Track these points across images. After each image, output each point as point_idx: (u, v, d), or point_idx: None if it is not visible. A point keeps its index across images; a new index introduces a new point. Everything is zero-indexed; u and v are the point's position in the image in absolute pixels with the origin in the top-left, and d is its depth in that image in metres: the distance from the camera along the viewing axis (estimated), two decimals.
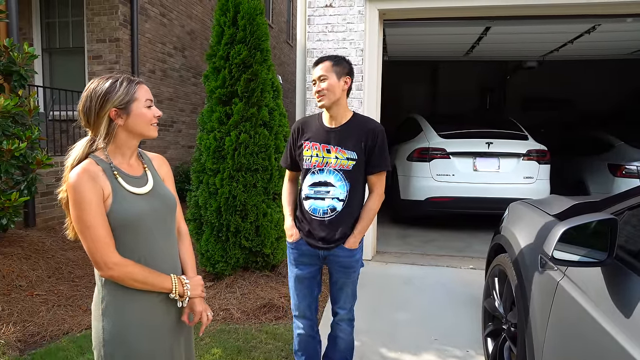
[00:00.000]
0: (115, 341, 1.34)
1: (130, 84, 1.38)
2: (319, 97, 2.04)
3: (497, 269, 2.57)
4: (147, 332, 1.37)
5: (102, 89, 1.34)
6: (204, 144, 3.71)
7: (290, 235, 2.15)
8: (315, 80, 2.05)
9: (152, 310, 1.38)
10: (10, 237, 4.29)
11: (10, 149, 3.67)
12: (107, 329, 1.34)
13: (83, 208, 1.27)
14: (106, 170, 1.34)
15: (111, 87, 1.35)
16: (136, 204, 1.36)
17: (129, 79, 1.39)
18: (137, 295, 1.35)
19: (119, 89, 1.35)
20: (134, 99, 1.37)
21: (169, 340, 1.43)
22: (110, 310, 1.34)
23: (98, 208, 1.28)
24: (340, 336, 2.25)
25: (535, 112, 11.16)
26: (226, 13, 3.71)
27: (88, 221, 1.27)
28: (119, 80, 1.37)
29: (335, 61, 2.05)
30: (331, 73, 2.02)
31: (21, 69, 4.10)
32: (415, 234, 5.77)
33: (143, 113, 1.39)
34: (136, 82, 1.40)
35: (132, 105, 1.37)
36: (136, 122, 1.38)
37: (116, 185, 1.34)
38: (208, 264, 3.74)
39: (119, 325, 1.34)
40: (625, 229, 1.65)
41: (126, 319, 1.35)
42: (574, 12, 4.51)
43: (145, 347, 1.37)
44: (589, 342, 1.44)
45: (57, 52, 6.90)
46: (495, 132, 5.83)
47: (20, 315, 3.20)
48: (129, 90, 1.36)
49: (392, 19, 4.75)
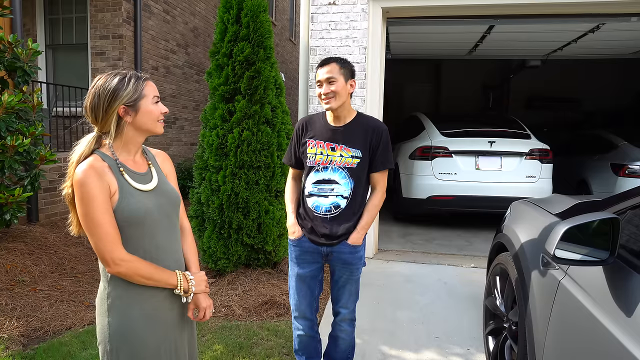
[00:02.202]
0: (121, 337, 1.35)
1: (138, 81, 1.37)
2: (325, 100, 2.01)
3: (498, 267, 2.57)
4: (153, 327, 1.38)
5: (111, 86, 1.34)
6: (206, 141, 3.72)
7: (292, 232, 2.15)
8: (322, 82, 2.02)
9: (157, 306, 1.39)
10: (14, 233, 4.32)
11: (14, 144, 3.68)
12: (113, 325, 1.34)
13: (90, 204, 1.27)
14: (112, 167, 1.34)
15: (120, 84, 1.34)
16: (142, 201, 1.36)
17: (136, 75, 1.39)
18: (143, 291, 1.36)
19: (128, 86, 1.34)
20: (142, 95, 1.37)
21: (173, 335, 1.44)
22: (116, 306, 1.35)
23: (105, 204, 1.29)
24: (342, 336, 2.25)
25: (538, 111, 11.14)
26: (230, 10, 3.71)
27: (95, 218, 1.27)
28: (127, 77, 1.36)
29: (342, 63, 2.03)
30: (339, 75, 2.00)
31: (25, 65, 4.11)
32: (417, 232, 5.77)
33: (151, 110, 1.39)
34: (144, 78, 1.40)
35: (141, 102, 1.37)
36: (144, 119, 1.38)
37: (122, 181, 1.34)
38: (210, 260, 3.75)
39: (124, 321, 1.35)
40: (627, 228, 1.65)
41: (132, 315, 1.35)
42: (578, 11, 4.50)
43: (150, 342, 1.37)
44: (590, 341, 1.44)
45: (61, 49, 6.91)
46: (497, 131, 5.82)
47: (23, 310, 3.22)
48: (138, 87, 1.36)
49: (396, 17, 4.74)
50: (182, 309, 1.48)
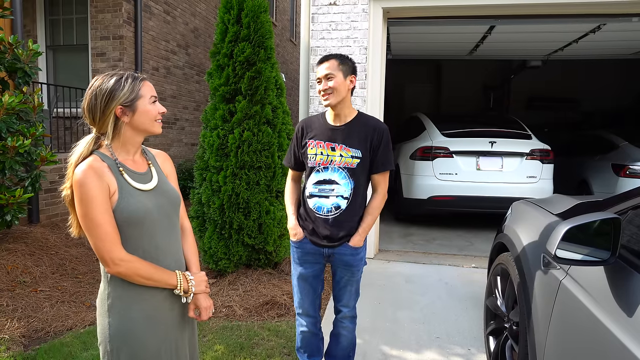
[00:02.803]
0: (122, 337, 1.35)
1: (135, 81, 1.37)
2: (325, 96, 2.02)
3: (499, 267, 2.56)
4: (153, 327, 1.38)
5: (108, 87, 1.34)
6: (207, 142, 3.72)
7: (294, 234, 2.15)
8: (321, 79, 2.03)
9: (158, 306, 1.39)
10: (15, 234, 4.32)
11: (14, 145, 3.68)
12: (114, 325, 1.34)
13: (89, 205, 1.27)
14: (112, 167, 1.34)
15: (116, 85, 1.34)
16: (142, 200, 1.36)
17: (133, 75, 1.39)
18: (143, 291, 1.36)
19: (125, 86, 1.34)
20: (139, 96, 1.37)
21: (173, 335, 1.44)
22: (116, 306, 1.35)
23: (104, 205, 1.29)
24: (343, 333, 2.27)
25: (539, 112, 11.13)
26: (230, 10, 3.71)
27: (95, 218, 1.27)
28: (124, 77, 1.36)
29: (341, 60, 2.04)
30: (338, 71, 2.01)
31: (25, 66, 4.11)
32: (417, 232, 5.77)
33: (148, 110, 1.39)
34: (141, 78, 1.40)
35: (138, 103, 1.37)
36: (141, 119, 1.38)
37: (122, 181, 1.34)
38: (211, 261, 3.75)
39: (125, 322, 1.35)
40: (628, 228, 1.64)
41: (132, 315, 1.35)
42: (579, 12, 4.49)
43: (151, 343, 1.37)
44: (592, 342, 1.44)
45: (61, 50, 6.92)
46: (498, 131, 5.82)
47: (25, 311, 3.22)
48: (135, 87, 1.36)
49: (396, 17, 4.74)
50: (182, 309, 1.48)
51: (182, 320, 1.48)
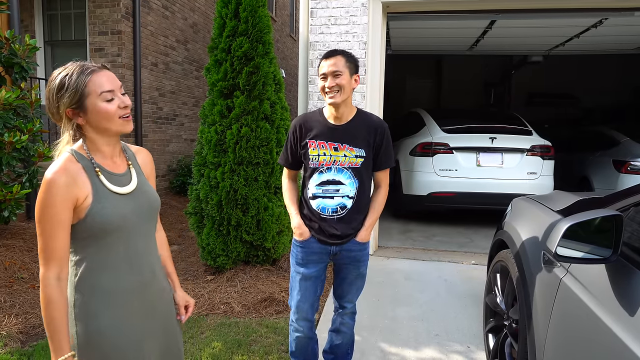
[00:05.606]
0: (89, 346, 1.26)
1: (80, 77, 1.20)
2: (331, 94, 1.94)
3: (499, 264, 2.55)
4: (120, 336, 1.29)
5: (54, 86, 1.21)
6: (205, 137, 3.70)
7: (300, 234, 2.08)
8: (326, 75, 1.95)
9: (125, 314, 1.31)
10: (12, 230, 4.31)
11: (11, 141, 3.66)
12: (80, 334, 1.25)
13: (47, 212, 1.17)
14: (87, 168, 1.23)
15: (60, 84, 1.20)
16: (118, 205, 1.26)
17: (81, 68, 1.22)
18: (110, 299, 1.28)
19: (69, 85, 1.19)
20: (85, 94, 1.20)
21: (143, 342, 1.35)
22: (82, 315, 1.26)
23: (61, 221, 1.18)
24: (344, 330, 2.26)
25: (539, 107, 11.09)
26: (228, 5, 3.68)
27: (47, 229, 1.17)
28: (69, 74, 1.20)
29: (348, 57, 1.98)
30: (345, 69, 1.94)
31: (23, 61, 4.08)
32: (417, 229, 5.75)
33: (101, 108, 1.22)
34: (89, 71, 1.22)
35: (86, 102, 1.21)
36: (96, 118, 1.23)
37: (97, 183, 1.24)
38: (209, 257, 3.74)
39: (91, 330, 1.26)
40: (630, 226, 1.62)
41: (99, 324, 1.26)
42: (581, 5, 4.45)
43: (118, 351, 1.29)
44: (592, 340, 1.42)
45: (59, 45, 6.88)
46: (499, 127, 5.79)
47: (22, 307, 3.20)
48: (78, 85, 1.20)
49: (396, 11, 4.70)
50: (153, 317, 1.38)
51: (152, 320, 1.38)
